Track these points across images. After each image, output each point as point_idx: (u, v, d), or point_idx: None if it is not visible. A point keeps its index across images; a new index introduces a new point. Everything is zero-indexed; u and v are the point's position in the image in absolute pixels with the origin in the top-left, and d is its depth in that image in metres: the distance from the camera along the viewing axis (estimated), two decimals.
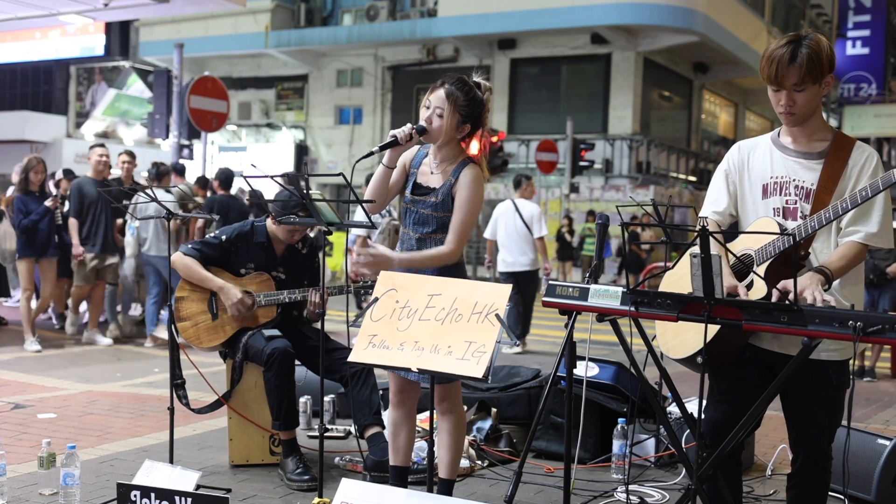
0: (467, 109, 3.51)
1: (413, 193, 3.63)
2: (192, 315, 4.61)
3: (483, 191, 3.58)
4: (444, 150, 3.59)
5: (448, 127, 3.50)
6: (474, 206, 3.53)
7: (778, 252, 2.80)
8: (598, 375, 5.07)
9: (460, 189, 3.52)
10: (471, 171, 3.54)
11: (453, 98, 3.49)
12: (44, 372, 7.18)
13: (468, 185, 3.52)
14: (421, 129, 3.51)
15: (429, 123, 3.51)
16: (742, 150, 3.14)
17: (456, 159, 3.58)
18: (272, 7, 26.34)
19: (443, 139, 3.53)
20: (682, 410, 3.26)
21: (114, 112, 29.44)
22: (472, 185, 3.52)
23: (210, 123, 12.77)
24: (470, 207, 3.52)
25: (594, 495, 4.30)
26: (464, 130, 3.56)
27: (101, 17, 14.19)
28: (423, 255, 3.55)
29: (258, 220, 4.76)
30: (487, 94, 3.60)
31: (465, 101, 3.51)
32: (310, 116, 28.16)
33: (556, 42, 24.04)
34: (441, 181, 3.57)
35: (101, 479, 4.29)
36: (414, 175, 3.66)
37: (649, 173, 23.78)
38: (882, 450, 4.26)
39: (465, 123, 3.54)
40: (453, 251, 3.53)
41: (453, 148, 3.59)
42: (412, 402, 3.79)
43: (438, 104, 3.50)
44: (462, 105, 3.50)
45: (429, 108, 3.53)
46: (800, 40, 2.84)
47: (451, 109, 3.48)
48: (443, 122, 3.49)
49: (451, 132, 3.52)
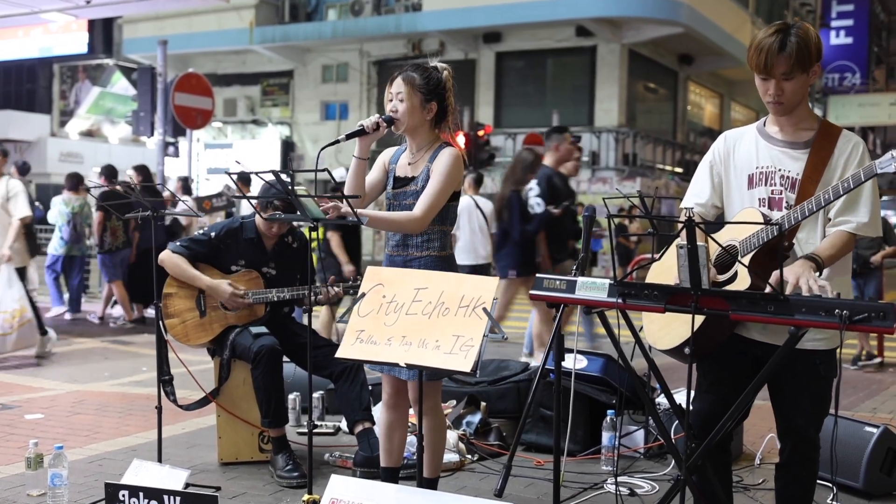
0: (426, 87, 3.53)
1: (394, 188, 3.63)
2: (180, 312, 4.60)
3: (460, 170, 3.53)
4: (417, 137, 3.59)
5: (411, 107, 3.51)
6: (448, 178, 3.48)
7: (762, 242, 2.80)
8: (587, 368, 5.08)
9: (436, 164, 3.51)
10: (448, 150, 3.54)
11: (409, 80, 3.52)
12: (31, 372, 7.14)
13: (443, 159, 3.50)
14: (388, 118, 3.53)
15: (394, 112, 3.53)
16: (728, 140, 3.14)
17: (432, 146, 3.58)
18: (256, 3, 26.24)
19: (411, 122, 3.53)
20: (671, 401, 3.27)
21: (98, 110, 29.32)
22: (448, 159, 3.50)
23: (195, 120, 12.71)
24: (442, 178, 3.47)
25: (584, 487, 4.31)
26: (431, 110, 3.55)
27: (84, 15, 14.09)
28: (390, 218, 3.52)
29: (246, 217, 4.74)
30: (446, 73, 3.59)
31: (422, 79, 3.53)
32: (295, 112, 28.10)
33: (541, 35, 24.04)
34: (420, 169, 3.57)
35: (90, 480, 4.27)
36: (393, 171, 3.67)
37: (636, 165, 23.83)
38: (869, 438, 4.28)
39: (429, 102, 3.54)
40: (418, 219, 3.47)
41: (427, 134, 3.59)
42: (407, 403, 3.76)
43: (398, 90, 3.53)
44: (420, 84, 3.52)
45: (391, 98, 3.56)
46: (788, 29, 2.84)
47: (409, 90, 3.51)
48: (405, 104, 3.51)
49: (416, 113, 3.53)
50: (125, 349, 8.54)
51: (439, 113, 3.58)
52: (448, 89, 3.59)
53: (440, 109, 3.58)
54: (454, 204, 3.61)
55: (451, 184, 3.51)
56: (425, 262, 3.54)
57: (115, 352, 8.39)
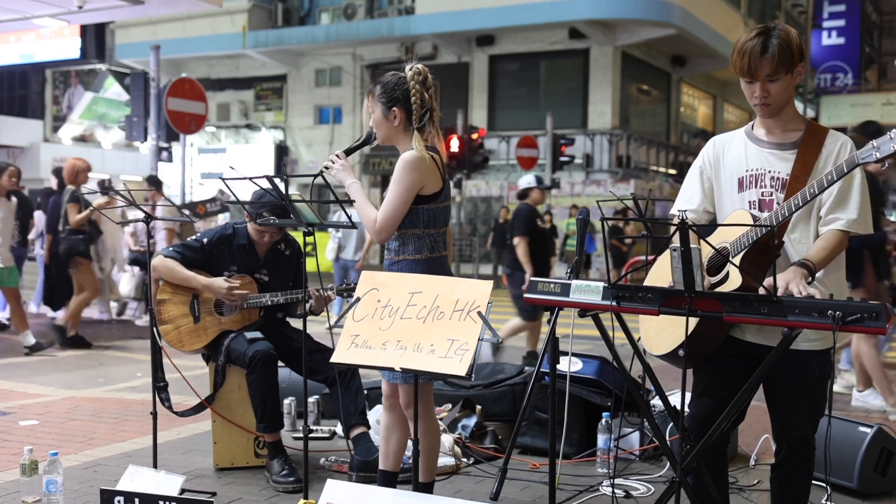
0: (386, 95, 3.55)
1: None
2: (174, 318, 4.59)
3: (414, 173, 3.45)
4: (399, 146, 3.61)
5: (376, 120, 3.58)
6: (400, 184, 3.45)
7: (752, 242, 2.81)
8: (582, 370, 5.09)
9: (394, 171, 3.52)
10: (403, 155, 3.52)
11: (371, 92, 3.61)
12: (25, 378, 7.12)
13: (397, 166, 3.51)
14: (367, 135, 3.65)
15: (371, 127, 3.62)
16: (717, 145, 3.15)
17: None
18: (249, 7, 26.24)
19: (381, 134, 3.60)
20: (666, 404, 3.28)
21: (91, 115, 29.27)
22: (400, 165, 3.48)
23: (188, 125, 12.68)
24: (395, 185, 3.46)
25: (579, 490, 4.31)
26: (395, 116, 3.54)
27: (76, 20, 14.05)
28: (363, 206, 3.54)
29: (238, 223, 4.74)
30: (410, 72, 3.55)
31: (381, 88, 3.56)
32: (289, 117, 28.08)
33: (534, 38, 24.08)
34: None
35: (85, 486, 4.26)
36: None
37: (629, 167, 23.87)
38: (863, 438, 4.30)
39: (390, 109, 3.54)
40: (375, 226, 3.48)
41: (403, 143, 3.58)
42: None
43: (367, 105, 3.62)
44: (379, 94, 3.57)
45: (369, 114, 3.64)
46: (769, 31, 2.87)
47: (370, 103, 3.59)
48: (373, 118, 3.59)
49: (382, 124, 3.57)
50: (120, 355, 8.52)
51: (408, 117, 3.55)
52: (413, 88, 3.52)
53: (407, 113, 3.54)
54: (428, 207, 3.53)
55: (406, 188, 3.46)
56: (402, 266, 3.55)
57: (110, 357, 8.37)
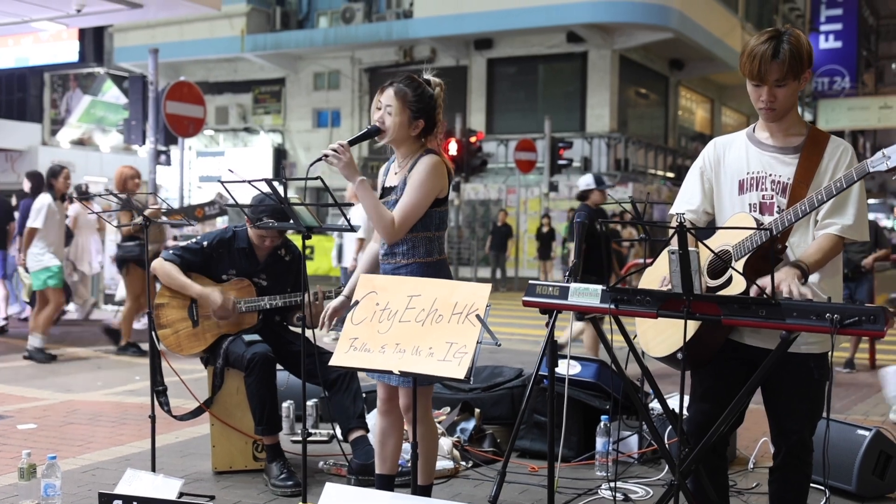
0: (417, 105, 3.52)
1: (381, 197, 3.63)
2: (173, 322, 4.59)
3: (438, 178, 3.49)
4: (402, 149, 3.60)
5: (399, 124, 3.51)
6: (424, 186, 3.46)
7: (755, 246, 2.82)
8: (581, 373, 5.08)
9: (413, 172, 3.51)
10: (426, 158, 3.52)
11: (401, 95, 3.51)
12: (23, 382, 7.12)
13: (420, 168, 3.49)
14: (374, 129, 3.54)
15: (381, 123, 3.53)
16: (717, 146, 3.16)
17: (415, 155, 3.58)
18: (247, 11, 26.23)
19: (396, 136, 3.53)
20: (664, 407, 3.28)
21: (89, 119, 29.22)
22: (425, 167, 3.48)
23: (187, 129, 12.67)
24: (417, 186, 3.46)
25: (578, 493, 4.32)
26: (418, 127, 3.55)
27: (74, 24, 14.05)
28: (376, 209, 3.47)
29: (239, 226, 4.74)
30: (438, 89, 3.58)
31: (414, 96, 3.52)
32: (287, 120, 28.07)
33: (532, 41, 24.10)
34: (401, 178, 3.57)
35: (83, 489, 4.26)
36: (384, 182, 3.69)
37: (627, 171, 23.88)
38: (862, 440, 4.30)
39: (417, 119, 3.53)
40: (392, 226, 3.45)
41: (411, 145, 3.59)
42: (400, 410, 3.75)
43: (388, 102, 3.52)
44: (411, 101, 3.51)
45: (380, 108, 3.55)
46: (780, 36, 2.85)
47: (399, 106, 3.50)
48: (393, 119, 3.51)
49: (403, 129, 3.52)
50: (118, 358, 8.51)
51: (427, 128, 3.58)
52: (438, 105, 3.58)
53: (428, 125, 3.57)
54: (440, 210, 3.58)
55: (429, 191, 3.49)
56: (411, 270, 3.54)
57: (108, 361, 8.37)
